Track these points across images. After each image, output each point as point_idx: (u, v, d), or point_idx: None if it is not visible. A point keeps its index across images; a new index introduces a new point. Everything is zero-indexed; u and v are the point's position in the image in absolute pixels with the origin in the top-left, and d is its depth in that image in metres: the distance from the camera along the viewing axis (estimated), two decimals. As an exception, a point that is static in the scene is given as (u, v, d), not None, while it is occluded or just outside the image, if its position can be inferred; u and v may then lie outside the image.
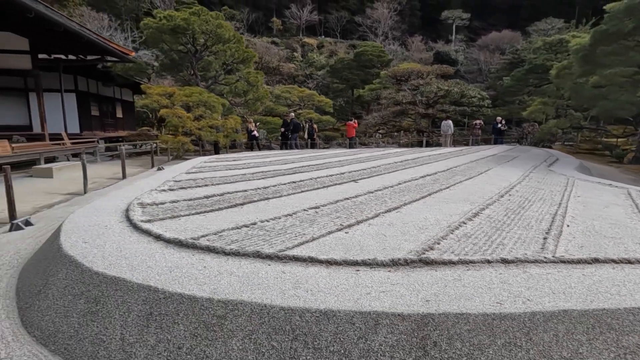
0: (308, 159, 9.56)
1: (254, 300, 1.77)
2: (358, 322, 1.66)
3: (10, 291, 2.60)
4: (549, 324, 1.66)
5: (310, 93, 23.85)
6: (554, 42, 20.44)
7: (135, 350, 1.74)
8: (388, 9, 52.84)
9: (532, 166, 8.27)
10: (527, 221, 3.45)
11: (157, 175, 6.40)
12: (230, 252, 2.37)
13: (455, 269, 2.20)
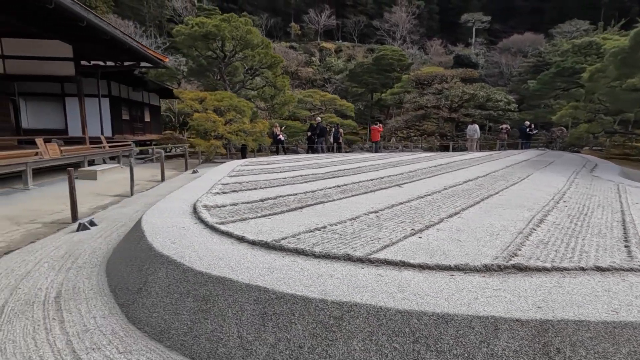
0: (340, 162, 9.61)
1: (368, 302, 1.81)
2: (477, 326, 1.68)
3: (103, 288, 2.72)
4: (673, 333, 1.65)
5: (332, 97, 23.96)
6: (584, 44, 19.97)
7: (255, 348, 1.81)
8: (406, 12, 52.72)
9: (573, 172, 8.09)
10: (596, 228, 3.40)
11: (201, 179, 6.56)
12: (320, 255, 2.42)
13: (550, 275, 2.20)
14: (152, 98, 21.68)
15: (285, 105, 15.77)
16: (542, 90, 20.85)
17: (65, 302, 2.53)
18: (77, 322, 2.28)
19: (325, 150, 14.90)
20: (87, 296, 2.62)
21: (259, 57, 14.35)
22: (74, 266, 3.20)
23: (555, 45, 34.34)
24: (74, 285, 2.81)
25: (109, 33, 8.01)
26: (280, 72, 15.98)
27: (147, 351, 1.98)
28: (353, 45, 55.65)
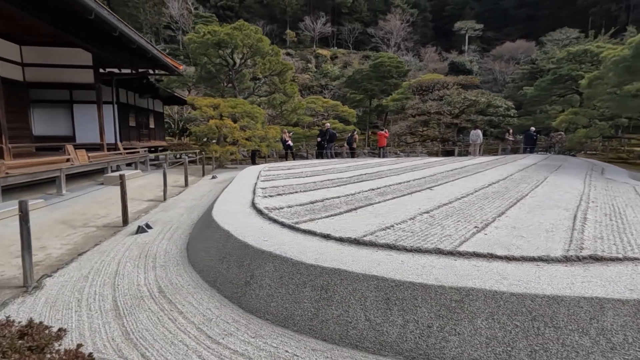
0: (356, 167, 9.87)
1: (482, 287, 2.05)
2: (585, 305, 1.93)
3: (200, 284, 2.92)
4: None
5: (334, 103, 24.32)
6: (579, 52, 20.69)
7: (385, 329, 2.03)
8: (400, 20, 53.66)
9: (586, 174, 8.48)
10: (636, 225, 3.70)
11: (235, 184, 6.73)
12: (412, 249, 2.66)
13: (624, 264, 2.46)
14: (156, 104, 21.78)
15: (295, 112, 16.05)
16: (540, 96, 21.49)
17: (173, 296, 2.72)
18: (195, 312, 2.47)
19: (334, 156, 15.16)
20: (189, 291, 2.81)
21: (269, 64, 14.63)
22: (157, 265, 3.38)
23: (547, 53, 35.34)
24: (170, 281, 2.99)
25: (137, 42, 8.20)
26: (289, 78, 16.28)
27: (277, 335, 2.18)
28: (348, 52, 56.35)
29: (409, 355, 1.93)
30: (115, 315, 2.48)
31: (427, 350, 1.92)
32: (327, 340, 2.10)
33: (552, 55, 29.47)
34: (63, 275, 3.20)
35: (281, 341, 2.12)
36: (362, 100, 34.91)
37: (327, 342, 2.09)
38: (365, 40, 56.94)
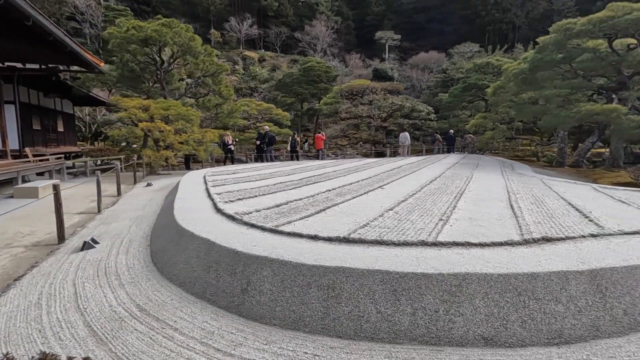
0: (303, 170, 9.98)
1: (475, 271, 2.31)
2: (555, 278, 2.30)
3: (187, 297, 2.73)
4: None
5: (268, 106, 24.14)
6: (483, 64, 23.73)
7: (396, 319, 2.16)
8: (326, 27, 55.34)
9: (501, 170, 9.77)
10: (558, 211, 4.43)
11: (183, 191, 6.33)
12: (400, 243, 2.85)
13: (567, 242, 2.96)
14: (65, 105, 19.25)
15: (231, 114, 15.54)
16: (453, 102, 24.07)
17: (158, 313, 2.51)
18: (192, 327, 2.32)
19: (274, 159, 15.07)
20: (175, 306, 2.61)
21: (203, 64, 13.96)
22: (125, 282, 3.06)
23: (455, 64, 39.68)
24: (149, 298, 2.74)
25: (53, 33, 7.21)
26: (224, 80, 15.72)
27: (290, 339, 2.17)
28: (276, 55, 56.36)
29: (422, 340, 2.09)
30: (96, 341, 2.20)
31: (437, 333, 2.10)
32: (342, 337, 2.16)
33: (460, 66, 33.20)
34: (5, 305, 2.72)
35: (297, 344, 2.12)
36: (293, 104, 35.18)
37: (343, 339, 2.15)
38: (293, 44, 57.58)
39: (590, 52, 11.51)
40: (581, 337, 2.11)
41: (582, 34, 10.97)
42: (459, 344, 2.06)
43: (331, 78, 34.91)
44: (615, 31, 10.72)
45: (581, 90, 11.94)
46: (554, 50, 11.46)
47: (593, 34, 11.00)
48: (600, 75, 12.34)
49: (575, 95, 11.61)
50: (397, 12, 62.56)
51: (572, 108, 10.73)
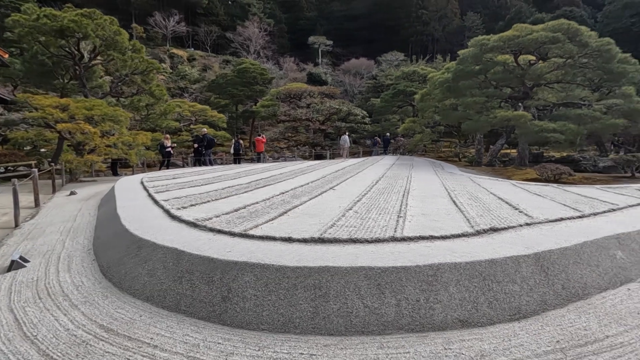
0: (248, 173, 9.79)
1: (447, 261, 2.54)
2: (509, 262, 2.63)
3: (157, 311, 2.54)
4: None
5: (202, 108, 23.11)
6: (410, 72, 25.63)
7: (383, 311, 2.28)
8: (259, 28, 54.70)
9: (434, 170, 10.67)
10: (493, 204, 5.02)
11: (124, 199, 5.80)
12: (372, 240, 3.00)
13: (510, 231, 3.39)
14: (-49, 102, 16.27)
15: (164, 116, 14.52)
16: (385, 107, 25.55)
17: (129, 332, 2.30)
18: (173, 342, 2.17)
19: (212, 163, 14.47)
20: (146, 322, 2.41)
21: (131, 61, 12.84)
22: (77, 302, 2.73)
23: (384, 71, 42.16)
24: (112, 317, 2.49)
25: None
26: (156, 79, 14.63)
27: (283, 342, 2.16)
28: (207, 55, 54.14)
29: (408, 328, 2.23)
30: (61, 370, 1.95)
31: (420, 321, 2.26)
32: (334, 334, 2.21)
33: (389, 73, 35.38)
34: None
35: (290, 346, 2.11)
36: (227, 106, 34.12)
37: (335, 336, 2.20)
38: (225, 45, 55.79)
39: (500, 65, 13.21)
40: (534, 311, 2.45)
41: (495, 49, 12.56)
42: (440, 328, 2.25)
43: (267, 80, 34.63)
44: (520, 48, 12.48)
45: (494, 99, 13.62)
46: (472, 62, 12.93)
47: (503, 50, 12.65)
48: (508, 86, 14.20)
49: (491, 103, 13.22)
50: (328, 18, 64.37)
51: (489, 114, 12.21)
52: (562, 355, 2.03)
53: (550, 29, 11.50)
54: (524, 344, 2.12)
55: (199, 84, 41.97)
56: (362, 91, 39.89)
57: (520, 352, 2.05)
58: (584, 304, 2.59)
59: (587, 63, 11.86)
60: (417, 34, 58.26)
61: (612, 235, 3.32)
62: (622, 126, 10.81)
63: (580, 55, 11.59)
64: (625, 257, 3.18)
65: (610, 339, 2.19)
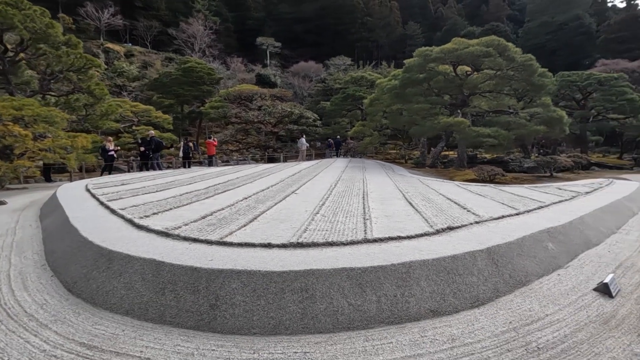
0: (203, 178, 9.56)
1: (418, 259, 2.83)
2: (468, 257, 3.01)
3: (140, 324, 2.51)
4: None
5: (145, 108, 21.85)
6: (358, 77, 26.59)
7: (366, 307, 2.50)
8: (204, 26, 52.81)
9: (386, 172, 11.28)
10: (445, 205, 5.53)
11: (76, 209, 5.41)
12: (348, 242, 3.22)
13: (464, 230, 3.83)
14: None
15: (106, 117, 13.48)
16: (335, 110, 26.22)
17: (116, 347, 2.26)
18: (165, 354, 2.19)
19: (161, 167, 13.79)
20: (130, 335, 2.38)
21: (66, 57, 11.78)
22: (47, 321, 2.58)
23: (332, 75, 43.11)
24: (91, 334, 2.41)
25: None
26: (95, 76, 13.54)
27: (275, 343, 2.28)
28: (147, 51, 51.08)
29: (389, 321, 2.48)
30: (48, 392, 1.88)
31: (398, 314, 2.52)
32: (323, 332, 2.38)
33: (338, 78, 36.30)
34: None
35: (283, 346, 2.24)
36: (172, 106, 32.55)
37: (324, 333, 2.37)
38: (167, 41, 52.99)
39: (442, 75, 14.35)
40: (490, 298, 2.83)
41: (437, 60, 13.62)
42: (415, 318, 2.53)
43: (214, 80, 33.62)
44: (459, 60, 13.70)
45: (437, 106, 14.75)
46: (417, 71, 13.90)
47: (444, 61, 13.77)
48: (448, 94, 15.46)
49: (435, 110, 14.30)
50: (276, 20, 64.16)
51: (434, 120, 13.22)
52: (515, 333, 2.41)
53: (483, 44, 12.81)
54: (485, 326, 2.47)
55: (139, 82, 39.55)
56: (312, 94, 40.38)
57: (482, 334, 2.39)
58: (527, 289, 3.04)
59: (514, 75, 13.40)
60: (362, 40, 60.35)
61: (544, 230, 3.91)
62: (542, 132, 12.44)
63: (508, 68, 13.06)
64: (555, 247, 3.76)
65: (549, 316, 2.63)
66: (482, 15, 64.84)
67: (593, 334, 2.43)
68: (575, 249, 3.98)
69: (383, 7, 63.56)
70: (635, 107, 18.85)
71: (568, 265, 3.61)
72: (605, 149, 28.45)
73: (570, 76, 20.48)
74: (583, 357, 2.18)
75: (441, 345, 2.25)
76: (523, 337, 2.36)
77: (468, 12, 67.38)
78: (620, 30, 44.68)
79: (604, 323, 2.58)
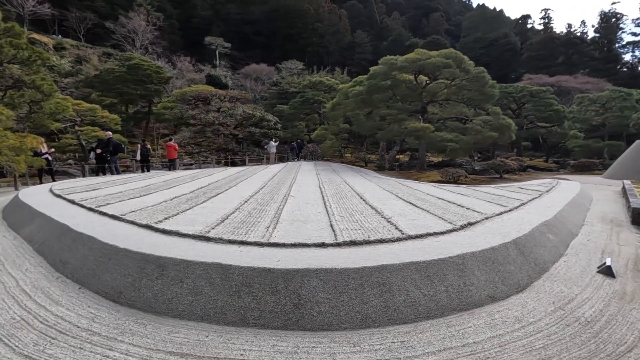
0: (179, 181, 9.13)
1: (468, 251, 3.11)
2: (490, 252, 3.37)
3: (225, 329, 2.45)
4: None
5: (90, 107, 20.02)
6: (316, 82, 27.00)
7: (438, 296, 2.70)
8: (146, 21, 49.74)
9: (360, 175, 11.67)
10: (439, 203, 5.97)
11: (61, 215, 4.92)
12: (395, 239, 3.40)
13: (479, 225, 4.22)
14: None
15: (54, 115, 12.11)
16: (294, 114, 26.32)
17: (209, 352, 2.19)
18: (269, 354, 2.18)
19: (119, 171, 12.80)
20: (222, 339, 2.32)
21: (9, 48, 10.43)
22: (114, 335, 2.40)
23: (284, 78, 43.13)
24: (178, 342, 2.31)
25: None
26: (43, 71, 12.12)
27: (368, 336, 2.38)
28: (81, 45, 46.76)
29: (459, 308, 2.70)
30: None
31: (465, 301, 2.76)
32: (407, 322, 2.52)
33: (292, 81, 36.47)
34: None
35: (380, 337, 2.35)
36: (115, 105, 30.22)
37: (408, 323, 2.52)
38: (104, 35, 49.00)
39: (405, 83, 15.24)
40: (527, 284, 3.20)
41: (401, 69, 14.45)
42: (479, 305, 2.78)
43: (163, 79, 31.83)
44: (421, 69, 14.68)
45: (402, 112, 15.61)
46: (382, 78, 14.60)
47: (407, 70, 14.65)
48: (411, 101, 16.45)
49: (400, 115, 15.12)
50: (225, 20, 62.52)
51: (401, 125, 13.98)
52: (563, 311, 2.77)
53: (443, 55, 13.91)
54: (536, 307, 2.81)
55: (73, 77, 36.11)
56: (267, 97, 40.02)
57: (539, 313, 2.72)
58: (549, 275, 3.48)
59: (468, 85, 14.70)
60: (313, 45, 61.19)
61: (543, 223, 4.44)
62: (495, 137, 13.86)
63: (464, 79, 14.30)
64: (554, 238, 4.30)
65: (579, 296, 3.06)
66: (423, 28, 69.44)
67: (619, 307, 2.89)
68: (566, 239, 4.58)
69: (332, 15, 65.17)
70: (560, 117, 21.66)
71: (567, 253, 4.16)
72: (531, 154, 32.15)
73: (507, 88, 22.92)
74: (623, 326, 2.60)
75: (513, 326, 2.53)
76: (571, 313, 2.74)
77: (411, 24, 71.71)
78: (540, 49, 50.83)
79: (620, 299, 3.06)
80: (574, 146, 21.55)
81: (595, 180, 12.97)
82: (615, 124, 21.72)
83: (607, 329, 2.54)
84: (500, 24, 62.49)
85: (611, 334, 2.47)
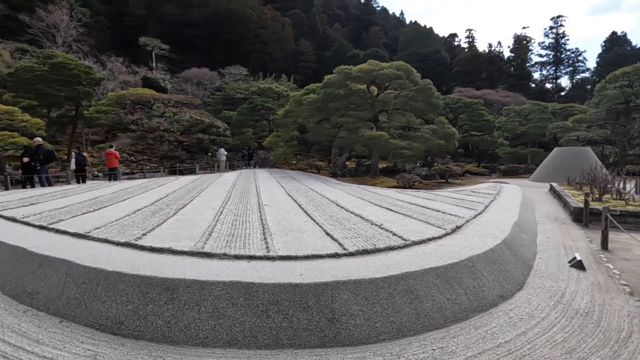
0: (130, 193, 8.36)
1: (475, 253, 3.26)
2: (489, 253, 3.60)
3: (246, 353, 2.26)
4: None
5: (7, 109, 17.55)
6: (265, 88, 26.65)
7: (459, 299, 2.78)
8: (69, 16, 45.14)
9: (322, 182, 11.71)
10: (414, 209, 6.21)
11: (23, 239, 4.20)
12: (404, 246, 3.45)
13: (467, 229, 4.47)
14: None
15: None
16: (243, 120, 25.67)
17: None
18: None
19: (51, 182, 11.31)
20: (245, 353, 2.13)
21: None
22: None
23: (227, 84, 42.00)
24: None
25: None
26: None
27: (407, 345, 2.37)
28: (-12, 39, 41.00)
29: (479, 310, 2.81)
30: None
31: (482, 302, 2.88)
32: (438, 328, 2.56)
33: (238, 87, 35.60)
34: None
35: (419, 346, 2.35)
36: (34, 108, 26.87)
37: (440, 329, 2.55)
38: (16, 29, 43.41)
39: (359, 93, 15.72)
40: (524, 282, 3.45)
41: (355, 79, 14.90)
42: (493, 304, 2.93)
43: (94, 81, 29.08)
44: (374, 80, 15.27)
45: (358, 120, 16.06)
46: (337, 87, 14.91)
47: (361, 80, 15.15)
48: (364, 110, 17.00)
49: (357, 123, 15.53)
50: (161, 20, 59.11)
51: (358, 133, 14.35)
52: (562, 305, 3.03)
53: (394, 67, 14.65)
54: (540, 303, 3.03)
55: (-20, 76, 31.44)
56: (211, 102, 38.53)
57: (544, 309, 2.94)
58: (535, 272, 3.79)
59: (416, 96, 15.66)
60: (257, 51, 60.56)
61: (514, 224, 4.84)
62: (442, 145, 14.91)
63: (412, 90, 15.20)
64: (526, 237, 4.72)
65: (567, 289, 3.38)
66: (363, 40, 72.56)
67: (603, 298, 3.25)
68: (533, 238, 5.06)
69: (276, 22, 65.21)
70: (490, 127, 24.04)
71: (538, 250, 4.59)
72: (464, 160, 35.18)
73: (445, 99, 24.85)
74: (614, 314, 2.92)
75: (530, 322, 2.70)
76: (568, 305, 3.01)
77: (352, 36, 74.45)
78: (466, 65, 56.07)
79: (599, 289, 3.45)
80: (503, 153, 24.00)
81: (525, 183, 14.59)
82: (534, 133, 24.69)
83: (604, 319, 2.83)
84: (431, 40, 67.70)
85: (609, 323, 2.76)
